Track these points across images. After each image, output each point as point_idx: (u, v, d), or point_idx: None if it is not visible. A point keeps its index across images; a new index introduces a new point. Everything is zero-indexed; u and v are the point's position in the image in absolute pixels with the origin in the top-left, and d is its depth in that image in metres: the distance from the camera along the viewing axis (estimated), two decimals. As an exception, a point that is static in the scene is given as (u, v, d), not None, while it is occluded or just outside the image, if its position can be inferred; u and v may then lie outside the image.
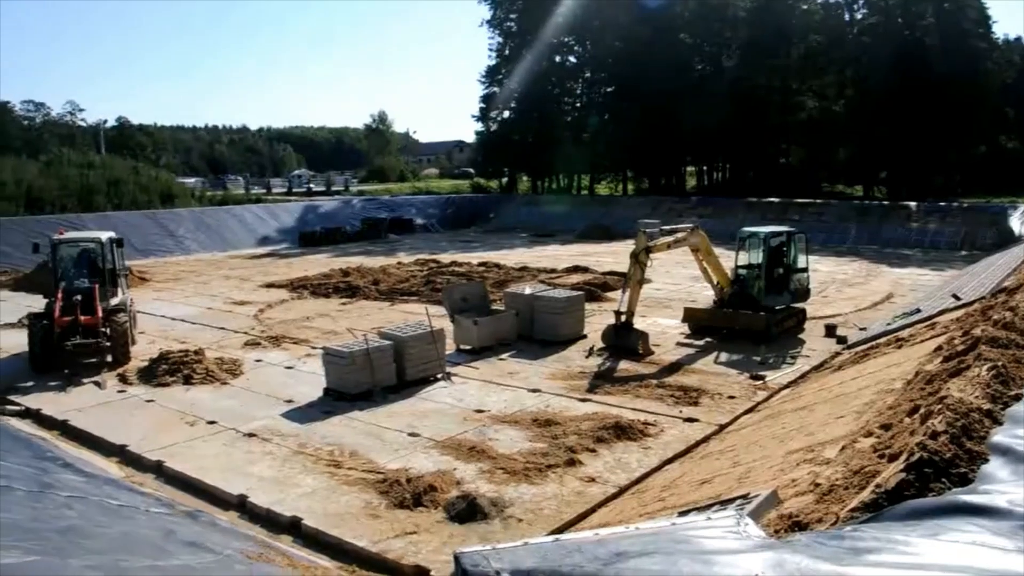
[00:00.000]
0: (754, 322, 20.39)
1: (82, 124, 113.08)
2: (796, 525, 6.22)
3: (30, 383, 17.77)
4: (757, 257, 21.38)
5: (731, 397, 15.78)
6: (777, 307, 21.22)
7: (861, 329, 21.25)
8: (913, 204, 49.55)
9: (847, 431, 9.14)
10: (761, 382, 16.81)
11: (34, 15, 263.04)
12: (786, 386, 16.47)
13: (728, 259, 22.39)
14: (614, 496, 11.16)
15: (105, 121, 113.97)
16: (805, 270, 22.21)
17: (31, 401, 16.40)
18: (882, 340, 17.65)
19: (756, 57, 61.62)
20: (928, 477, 5.11)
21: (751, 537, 4.46)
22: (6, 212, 44.92)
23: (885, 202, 53.99)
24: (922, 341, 14.80)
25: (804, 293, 22.21)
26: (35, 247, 22.19)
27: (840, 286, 29.88)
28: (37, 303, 21.91)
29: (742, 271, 21.55)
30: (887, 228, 46.82)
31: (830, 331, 20.81)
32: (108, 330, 18.84)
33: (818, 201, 54.25)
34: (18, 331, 22.22)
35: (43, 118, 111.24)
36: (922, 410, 6.96)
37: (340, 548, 9.75)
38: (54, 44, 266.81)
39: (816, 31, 61.69)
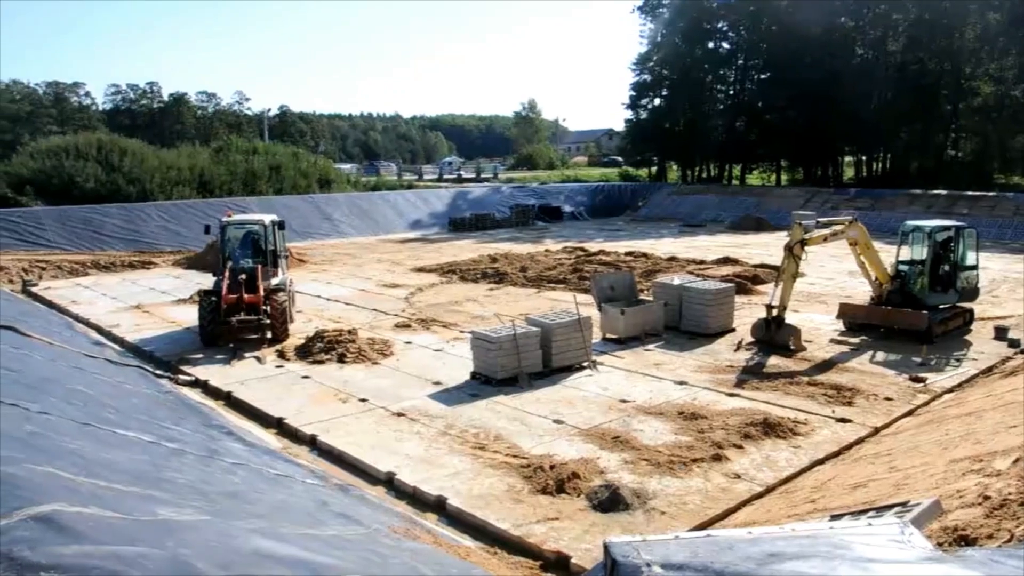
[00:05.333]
0: (915, 321, 19.33)
1: (248, 113, 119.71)
2: (963, 539, 5.86)
3: (199, 355, 18.94)
4: (921, 252, 20.26)
5: (888, 399, 15.00)
6: (941, 306, 20.05)
7: (1038, 333, 19.79)
8: None
9: (1021, 442, 8.53)
10: (922, 384, 15.88)
11: (207, 13, 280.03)
12: (950, 390, 15.52)
13: (888, 254, 21.33)
14: (760, 495, 10.83)
15: (269, 110, 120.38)
16: (975, 267, 20.85)
17: (200, 372, 17.48)
18: (1063, 345, 16.37)
19: (926, 39, 57.94)
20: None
21: (916, 548, 4.20)
22: (182, 196, 48.00)
23: (1071, 195, 49.69)
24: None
25: (972, 292, 20.86)
26: (206, 228, 23.58)
27: (1014, 285, 27.86)
28: (207, 281, 23.31)
29: (904, 267, 20.46)
30: (1072, 224, 43.10)
31: (1001, 333, 19.43)
32: (269, 308, 19.76)
33: (991, 194, 50.63)
34: (190, 306, 23.75)
35: (214, 107, 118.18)
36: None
37: (483, 529, 9.89)
38: (226, 39, 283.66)
39: (995, 8, 57.21)
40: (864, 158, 70.09)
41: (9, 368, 10.58)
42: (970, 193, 49.60)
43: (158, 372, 17.07)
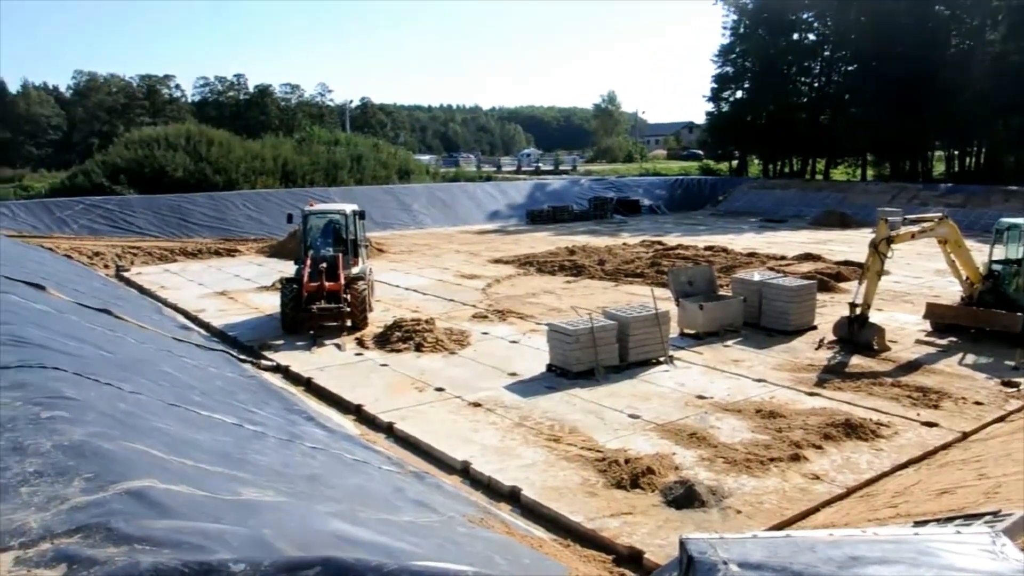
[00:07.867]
0: (1009, 323, 18.56)
1: (330, 104, 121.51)
2: (1058, 551, 5.62)
3: (281, 341, 19.38)
4: (1016, 251, 19.42)
5: (977, 403, 14.44)
6: (1037, 308, 19.24)
7: None
8: None
9: (1123, 451, 8.15)
10: (1015, 390, 15.24)
11: (292, 8, 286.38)
12: (1046, 395, 14.91)
13: (981, 253, 20.56)
14: (840, 497, 10.56)
15: (351, 101, 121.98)
16: (1075, 268, 19.94)
17: (281, 357, 17.88)
18: None
19: (1029, 27, 55.21)
20: None
21: (1010, 559, 4.03)
22: (266, 185, 49.16)
23: None
24: None
25: (1072, 294, 19.96)
26: (289, 217, 24.02)
27: (1116, 287, 26.57)
28: (289, 269, 23.79)
29: (998, 266, 19.67)
30: None
31: (1102, 338, 18.55)
32: (349, 296, 20.04)
33: (1098, 190, 48.14)
34: (272, 293, 24.31)
35: (297, 99, 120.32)
36: None
37: (556, 521, 9.89)
38: (310, 32, 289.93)
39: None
40: (956, 153, 67.47)
41: (105, 349, 11.01)
42: (1072, 190, 47.30)
43: (241, 357, 17.50)
